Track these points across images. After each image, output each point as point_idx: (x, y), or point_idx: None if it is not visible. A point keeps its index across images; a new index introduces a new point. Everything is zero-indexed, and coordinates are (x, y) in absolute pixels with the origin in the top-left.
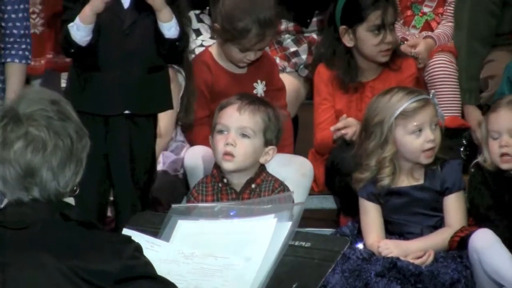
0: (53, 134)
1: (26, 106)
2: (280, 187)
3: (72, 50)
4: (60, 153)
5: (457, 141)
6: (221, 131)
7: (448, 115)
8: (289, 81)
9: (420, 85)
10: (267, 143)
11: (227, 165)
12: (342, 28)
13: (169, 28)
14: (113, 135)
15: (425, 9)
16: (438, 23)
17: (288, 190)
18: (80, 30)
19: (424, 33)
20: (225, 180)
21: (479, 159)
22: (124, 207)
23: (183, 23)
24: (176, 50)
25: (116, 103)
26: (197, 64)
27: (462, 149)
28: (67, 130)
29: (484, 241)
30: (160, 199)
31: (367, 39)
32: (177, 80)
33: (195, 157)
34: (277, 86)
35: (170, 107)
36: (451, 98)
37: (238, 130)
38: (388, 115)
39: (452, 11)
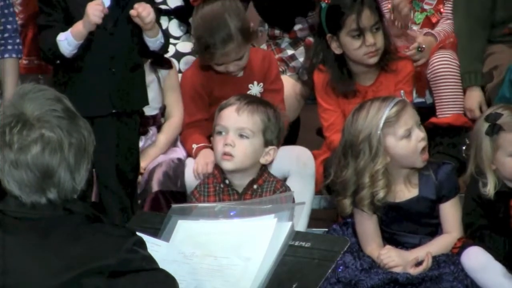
0: (66, 133)
1: (33, 108)
2: (282, 187)
3: (58, 62)
4: (74, 151)
5: (458, 139)
6: (220, 132)
7: (451, 113)
8: (291, 84)
9: (422, 82)
10: (267, 143)
11: (226, 165)
12: (328, 36)
13: (155, 42)
14: (98, 135)
15: (426, 7)
16: (438, 19)
17: (289, 190)
18: (71, 46)
19: (425, 30)
20: (226, 181)
21: (481, 187)
22: (112, 205)
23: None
24: (158, 56)
25: (103, 103)
26: (193, 68)
27: (464, 147)
28: (78, 127)
29: (475, 261)
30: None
31: (349, 44)
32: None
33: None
34: (274, 87)
35: (147, 103)
36: (454, 95)
37: (237, 131)
38: (373, 128)
39: (450, 8)
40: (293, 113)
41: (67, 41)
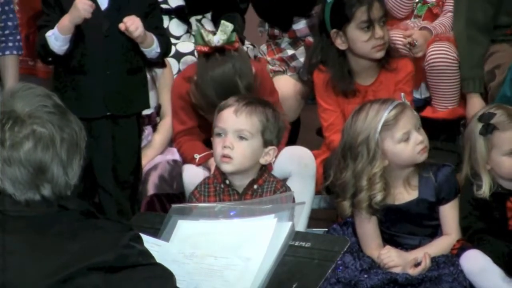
0: (58, 128)
1: (24, 105)
2: (282, 188)
3: (50, 59)
4: (67, 146)
5: (455, 133)
6: (219, 134)
7: (448, 106)
8: (291, 84)
9: (418, 73)
10: (266, 143)
11: (225, 167)
12: (333, 32)
13: (150, 52)
14: (96, 138)
15: None
16: (440, 12)
17: (289, 189)
18: (58, 40)
19: (424, 22)
20: (227, 182)
21: (475, 190)
22: (110, 208)
23: (164, 34)
24: (156, 61)
25: (98, 105)
26: (180, 78)
27: (460, 136)
28: (69, 122)
29: (474, 264)
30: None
31: (357, 37)
32: None
33: (196, 178)
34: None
35: (147, 106)
36: (451, 87)
37: (235, 133)
38: (371, 131)
39: (451, 2)
40: (293, 113)
41: (54, 36)
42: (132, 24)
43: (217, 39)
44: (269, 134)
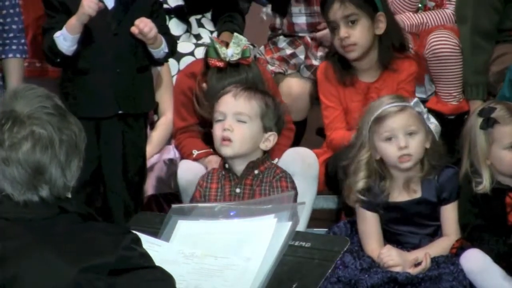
0: (57, 129)
1: (24, 105)
2: (281, 173)
3: (58, 60)
4: (65, 148)
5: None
6: (219, 120)
7: (453, 92)
8: (298, 84)
9: (421, 70)
10: (266, 129)
11: (225, 150)
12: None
13: (158, 52)
14: (105, 138)
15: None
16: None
17: (290, 178)
18: (67, 41)
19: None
20: (226, 166)
21: (474, 186)
22: (117, 209)
23: (169, 33)
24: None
25: (109, 105)
26: (182, 74)
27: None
28: (68, 124)
29: (474, 263)
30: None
31: (332, 36)
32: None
33: (189, 172)
34: None
35: (154, 105)
36: (454, 73)
37: (235, 116)
38: (366, 120)
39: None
40: (300, 112)
41: (63, 36)
42: (146, 26)
43: (231, 52)
44: (268, 121)
